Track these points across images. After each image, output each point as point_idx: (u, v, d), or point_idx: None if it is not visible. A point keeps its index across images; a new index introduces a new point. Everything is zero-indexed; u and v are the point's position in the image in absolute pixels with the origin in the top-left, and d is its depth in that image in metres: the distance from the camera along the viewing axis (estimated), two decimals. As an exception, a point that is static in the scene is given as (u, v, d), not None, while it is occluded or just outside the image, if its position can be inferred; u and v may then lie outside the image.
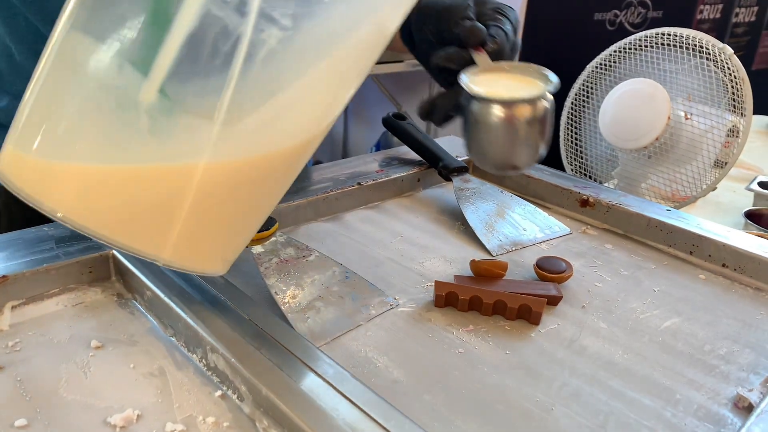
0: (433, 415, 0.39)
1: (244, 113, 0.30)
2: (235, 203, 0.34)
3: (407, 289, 0.53)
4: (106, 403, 0.38)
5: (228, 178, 0.32)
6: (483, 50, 0.51)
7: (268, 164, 0.34)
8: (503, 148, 0.50)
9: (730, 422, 0.40)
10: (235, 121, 0.29)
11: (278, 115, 0.31)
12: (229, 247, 0.39)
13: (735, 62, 0.90)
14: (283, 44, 0.28)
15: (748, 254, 0.57)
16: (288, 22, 0.28)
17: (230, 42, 0.27)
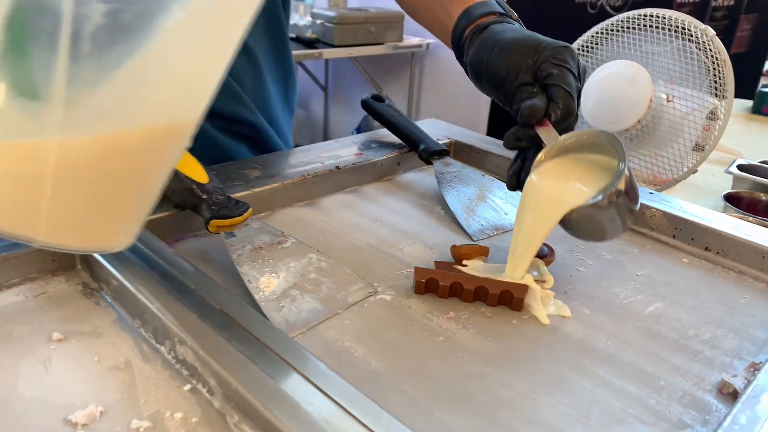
0: (412, 407, 0.38)
1: (86, 90, 0.28)
2: (106, 178, 0.32)
3: (386, 276, 0.51)
4: (67, 399, 0.36)
5: (87, 154, 0.31)
6: (548, 123, 0.48)
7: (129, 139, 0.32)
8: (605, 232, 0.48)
9: (715, 408, 0.39)
10: (77, 100, 0.28)
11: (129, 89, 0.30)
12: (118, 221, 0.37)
13: (717, 44, 0.89)
14: (111, 18, 0.27)
15: (731, 237, 0.57)
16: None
17: (51, 20, 0.26)
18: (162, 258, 0.45)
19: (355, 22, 2.30)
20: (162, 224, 0.52)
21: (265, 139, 0.76)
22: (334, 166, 0.66)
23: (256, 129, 0.73)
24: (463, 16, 0.57)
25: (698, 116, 0.92)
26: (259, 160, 0.66)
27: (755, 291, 0.53)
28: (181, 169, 0.52)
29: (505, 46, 0.52)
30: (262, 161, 0.66)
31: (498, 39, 0.53)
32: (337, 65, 3.04)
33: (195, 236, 0.55)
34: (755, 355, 0.44)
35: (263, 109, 0.75)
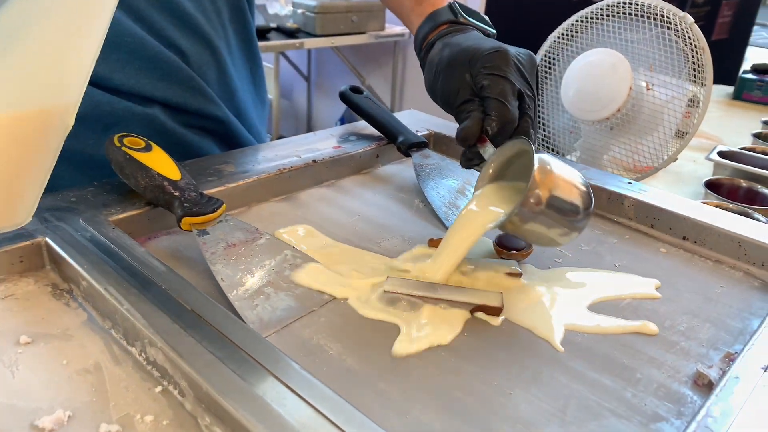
0: (387, 405, 0.37)
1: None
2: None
3: (363, 270, 0.50)
4: (34, 404, 0.35)
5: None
6: (486, 140, 0.50)
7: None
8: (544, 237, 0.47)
9: (690, 400, 0.39)
10: None
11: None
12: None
13: (695, 31, 0.89)
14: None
15: (708, 226, 0.57)
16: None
17: None
18: (133, 257, 0.44)
19: (336, 11, 2.28)
20: (134, 222, 0.52)
21: (233, 133, 0.72)
22: (311, 160, 0.65)
23: (222, 123, 0.70)
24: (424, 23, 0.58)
25: (678, 104, 0.92)
26: (234, 155, 0.65)
27: (732, 280, 0.53)
28: (152, 165, 0.51)
29: (443, 66, 0.52)
30: (236, 156, 0.65)
31: (440, 58, 0.53)
32: (319, 55, 3.01)
33: (168, 234, 0.54)
34: (731, 345, 0.44)
35: (230, 102, 0.72)
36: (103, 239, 0.46)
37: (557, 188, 0.45)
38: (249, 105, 0.76)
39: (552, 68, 1.02)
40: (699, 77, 0.91)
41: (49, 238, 0.46)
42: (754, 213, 0.93)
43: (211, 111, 0.68)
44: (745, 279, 0.53)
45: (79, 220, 0.49)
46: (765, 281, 0.53)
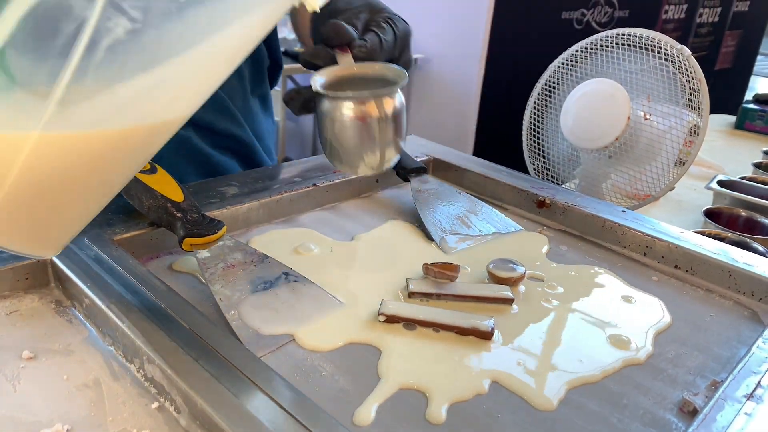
0: (377, 425, 0.38)
1: (82, 96, 0.29)
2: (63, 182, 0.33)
3: (358, 294, 0.52)
4: (34, 417, 0.36)
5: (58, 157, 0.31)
6: (348, 51, 0.50)
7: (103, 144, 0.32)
8: (348, 145, 0.48)
9: (675, 427, 0.40)
10: (71, 102, 0.29)
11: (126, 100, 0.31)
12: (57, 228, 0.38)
13: (692, 63, 0.91)
14: (131, 36, 0.28)
15: (699, 256, 0.58)
16: (138, 14, 0.27)
17: (74, 25, 0.26)
18: (134, 276, 0.46)
19: (344, 36, 2.31)
20: (136, 242, 0.53)
21: (254, 154, 0.78)
22: (312, 184, 0.66)
23: (244, 144, 0.76)
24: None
25: (676, 133, 0.94)
26: (237, 178, 0.67)
27: (722, 309, 0.54)
28: (156, 187, 0.52)
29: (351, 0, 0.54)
30: (239, 178, 0.66)
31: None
32: (327, 78, 3.04)
33: (170, 254, 0.55)
34: (717, 374, 0.45)
35: (251, 124, 0.77)
36: (106, 258, 0.48)
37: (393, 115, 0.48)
38: (263, 126, 0.80)
39: (552, 96, 1.04)
40: (696, 108, 0.92)
41: (54, 257, 0.48)
42: (752, 242, 0.94)
43: (237, 132, 0.73)
44: (735, 308, 0.54)
45: (84, 239, 0.50)
46: (754, 310, 0.54)
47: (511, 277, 0.53)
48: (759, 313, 0.53)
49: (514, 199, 0.71)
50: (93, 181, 0.35)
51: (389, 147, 0.49)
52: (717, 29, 2.87)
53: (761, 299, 0.54)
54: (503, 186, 0.72)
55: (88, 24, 0.26)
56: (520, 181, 0.72)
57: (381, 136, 0.48)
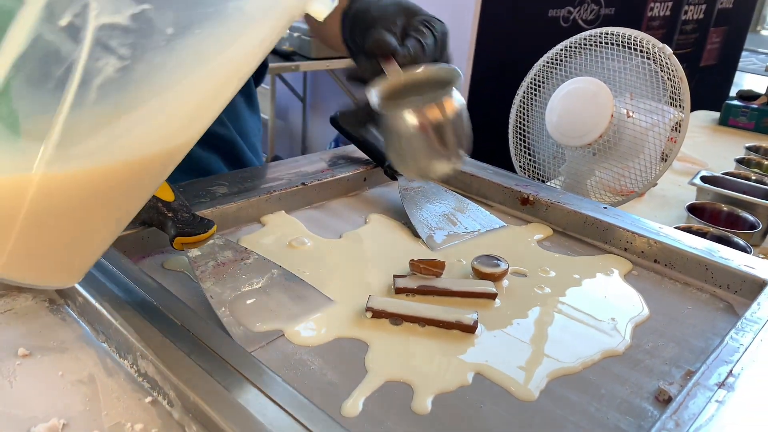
0: (365, 417, 0.40)
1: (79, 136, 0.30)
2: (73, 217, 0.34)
3: (347, 290, 0.53)
4: (30, 413, 0.37)
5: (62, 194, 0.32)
6: (393, 60, 0.50)
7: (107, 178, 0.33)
8: (418, 154, 0.49)
9: (650, 415, 0.42)
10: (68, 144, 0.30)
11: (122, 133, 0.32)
12: (76, 259, 0.39)
13: (674, 61, 0.93)
14: (122, 72, 0.28)
15: (677, 251, 0.59)
16: (127, 51, 0.28)
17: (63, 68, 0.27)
18: (126, 274, 0.47)
19: (332, 34, 2.32)
20: (128, 241, 0.54)
21: (238, 152, 0.79)
22: (300, 183, 0.68)
23: (227, 141, 0.77)
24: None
25: (659, 130, 0.95)
26: (227, 177, 0.68)
27: (698, 301, 0.56)
28: (147, 187, 0.53)
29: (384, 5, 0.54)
30: (229, 178, 0.68)
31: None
32: (315, 77, 3.05)
33: (161, 253, 0.56)
34: (692, 364, 0.47)
35: (234, 122, 0.78)
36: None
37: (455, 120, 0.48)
38: (249, 125, 0.81)
39: (538, 94, 1.05)
40: (677, 105, 0.94)
41: (47, 256, 0.49)
42: (734, 237, 0.96)
43: (219, 131, 0.74)
44: (711, 301, 0.56)
45: (77, 239, 0.51)
46: (729, 303, 0.55)
47: (494, 272, 0.55)
48: (734, 306, 0.55)
49: (499, 196, 0.72)
50: (103, 212, 0.36)
51: (462, 143, 0.49)
52: (702, 26, 2.90)
53: (736, 292, 0.56)
54: (488, 184, 0.73)
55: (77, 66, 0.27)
56: (505, 178, 0.74)
57: (450, 136, 0.48)
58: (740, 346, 0.45)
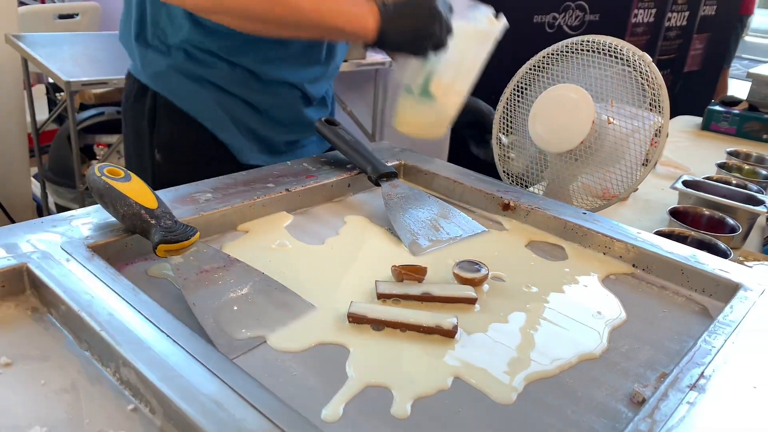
0: (345, 422, 0.40)
1: None
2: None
3: (330, 296, 0.54)
4: (12, 421, 0.38)
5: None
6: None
7: None
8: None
9: (625, 416, 0.42)
10: None
11: None
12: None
13: (653, 69, 0.94)
14: None
15: (655, 255, 0.61)
16: None
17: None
18: (109, 283, 0.47)
19: (319, 40, 2.32)
20: (111, 248, 0.54)
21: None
22: (284, 189, 0.68)
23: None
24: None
25: (639, 136, 0.97)
26: (210, 183, 0.68)
27: (674, 305, 0.57)
28: (130, 194, 0.54)
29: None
30: (212, 184, 0.68)
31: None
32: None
33: (145, 260, 0.57)
34: (667, 366, 0.48)
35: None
36: (81, 265, 0.49)
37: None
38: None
39: (522, 100, 1.07)
40: (656, 111, 0.96)
41: (30, 264, 0.49)
42: (715, 240, 0.98)
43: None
44: (687, 304, 0.57)
45: (59, 247, 0.51)
46: (705, 306, 0.57)
47: (474, 277, 0.55)
48: (709, 309, 0.56)
49: (481, 202, 0.73)
50: None
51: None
52: (685, 32, 2.94)
53: (711, 295, 0.58)
54: (471, 190, 0.74)
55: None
56: (487, 185, 0.75)
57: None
58: (712, 349, 0.46)
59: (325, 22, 0.72)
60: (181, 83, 0.81)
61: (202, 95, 0.82)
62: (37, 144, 1.97)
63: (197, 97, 0.82)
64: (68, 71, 1.58)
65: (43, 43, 1.80)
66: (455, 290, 0.54)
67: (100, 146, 2.00)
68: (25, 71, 1.88)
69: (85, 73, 1.60)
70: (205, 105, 0.83)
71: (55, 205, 2.07)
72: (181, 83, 0.81)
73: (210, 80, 0.82)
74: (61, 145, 1.96)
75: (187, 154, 0.86)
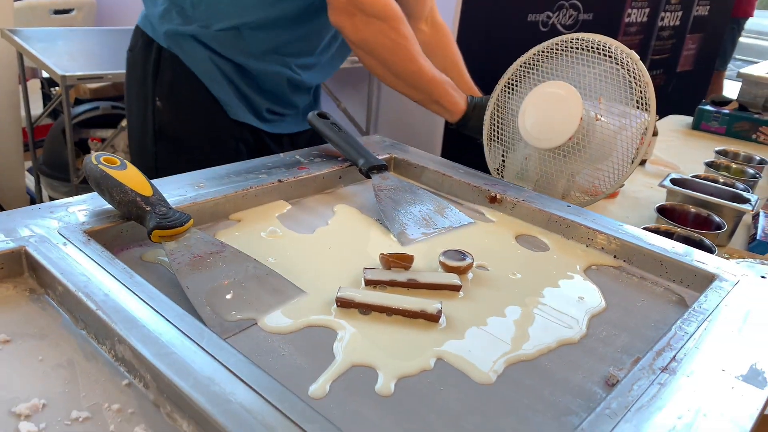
0: (331, 399, 0.42)
1: None
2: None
3: (319, 282, 0.55)
4: (12, 394, 0.39)
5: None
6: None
7: None
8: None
9: (599, 397, 0.44)
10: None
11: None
12: None
13: (640, 67, 0.96)
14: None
15: (635, 247, 0.63)
16: None
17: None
18: (105, 265, 0.49)
19: (315, 36, 2.33)
20: (107, 234, 0.56)
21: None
22: (277, 180, 0.70)
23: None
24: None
25: (627, 133, 0.99)
26: (205, 173, 0.70)
27: (652, 294, 0.59)
28: (126, 182, 0.55)
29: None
30: (207, 174, 0.69)
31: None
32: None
33: (139, 246, 0.58)
34: (642, 351, 0.50)
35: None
36: (78, 249, 0.51)
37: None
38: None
39: (512, 97, 1.08)
40: (644, 109, 0.98)
41: (28, 247, 0.51)
42: (700, 237, 1.00)
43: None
44: (665, 294, 0.59)
45: (57, 231, 0.53)
46: (681, 296, 0.59)
47: (459, 266, 0.57)
48: (685, 298, 0.58)
49: (469, 194, 0.75)
50: None
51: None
52: (678, 32, 2.96)
53: (688, 285, 0.60)
54: (459, 183, 0.76)
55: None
56: (474, 178, 0.77)
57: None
58: (685, 335, 0.48)
59: (433, 93, 0.92)
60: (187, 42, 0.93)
61: (200, 52, 0.93)
62: (31, 138, 1.98)
63: (196, 54, 0.93)
64: (64, 66, 1.59)
65: (39, 37, 1.80)
66: (441, 278, 0.56)
67: (95, 140, 2.01)
68: (21, 66, 1.88)
69: (80, 68, 1.61)
70: (202, 62, 0.93)
71: (50, 199, 2.08)
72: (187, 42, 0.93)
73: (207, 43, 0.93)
74: (56, 139, 1.97)
75: (184, 104, 0.97)
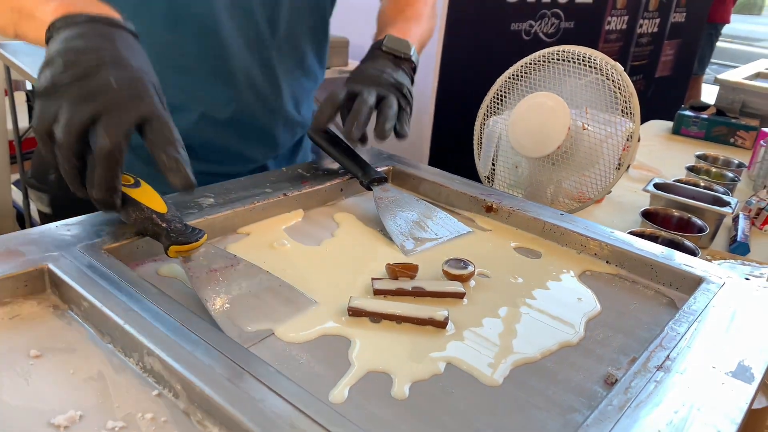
0: (350, 403, 0.45)
1: None
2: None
3: (330, 292, 0.58)
4: (48, 406, 0.41)
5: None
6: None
7: None
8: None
9: (600, 395, 0.47)
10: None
11: None
12: None
13: (625, 78, 1.00)
14: None
15: (626, 252, 0.66)
16: None
17: None
18: (127, 280, 0.51)
19: (302, 46, 2.36)
20: (125, 250, 0.58)
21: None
22: (282, 194, 0.72)
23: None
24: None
25: (612, 141, 1.03)
26: (213, 189, 0.72)
27: (644, 297, 0.62)
28: (142, 200, 0.57)
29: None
30: (215, 190, 0.72)
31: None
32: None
33: (154, 261, 0.60)
34: (637, 351, 0.53)
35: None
36: (99, 265, 0.53)
37: None
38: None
39: (501, 107, 1.12)
40: (629, 118, 1.02)
41: (50, 264, 0.53)
42: (684, 240, 1.04)
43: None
44: (656, 297, 0.63)
45: (77, 249, 0.55)
46: (672, 299, 0.62)
47: (462, 274, 0.60)
48: (675, 301, 0.62)
49: (466, 204, 0.78)
50: None
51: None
52: (656, 39, 3.04)
53: (677, 288, 0.63)
54: (456, 193, 0.79)
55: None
56: (471, 188, 0.80)
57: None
58: (677, 335, 0.52)
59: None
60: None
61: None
62: (19, 151, 1.98)
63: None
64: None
65: (26, 51, 1.81)
66: (445, 286, 0.58)
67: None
68: (8, 79, 1.89)
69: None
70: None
71: (38, 212, 2.07)
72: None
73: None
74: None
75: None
